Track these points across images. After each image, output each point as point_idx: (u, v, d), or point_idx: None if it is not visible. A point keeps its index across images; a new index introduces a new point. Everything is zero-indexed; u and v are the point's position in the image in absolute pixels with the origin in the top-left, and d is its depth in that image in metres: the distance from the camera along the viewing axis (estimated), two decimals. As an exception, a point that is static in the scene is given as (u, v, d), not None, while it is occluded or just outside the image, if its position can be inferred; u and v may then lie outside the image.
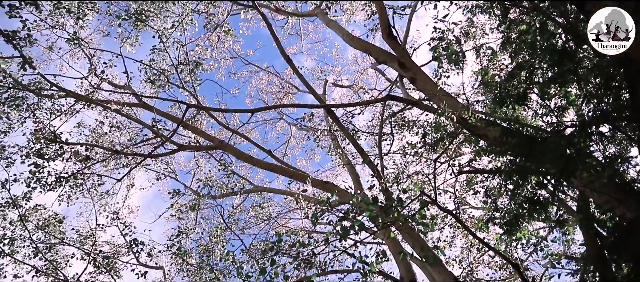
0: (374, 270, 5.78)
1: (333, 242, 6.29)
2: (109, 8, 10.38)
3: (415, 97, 10.64)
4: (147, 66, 9.40)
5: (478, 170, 8.29)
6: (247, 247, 6.73)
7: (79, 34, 9.41)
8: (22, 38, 8.45)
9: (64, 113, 8.29)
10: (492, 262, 8.53)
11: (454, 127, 8.05)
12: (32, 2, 8.90)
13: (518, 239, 7.35)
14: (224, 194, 9.23)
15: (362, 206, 5.97)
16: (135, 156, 8.05)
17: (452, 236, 8.51)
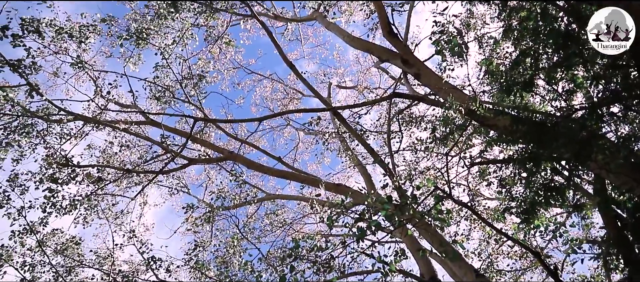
0: (394, 269, 5.74)
1: (350, 245, 6.26)
2: (110, 29, 10.49)
3: (421, 93, 10.61)
4: (152, 83, 9.46)
5: (490, 160, 8.24)
6: (265, 256, 6.72)
7: (82, 57, 9.50)
8: (27, 66, 8.55)
9: (74, 136, 8.36)
10: (511, 252, 8.45)
11: (462, 120, 8.00)
12: (34, 30, 9.01)
13: (536, 227, 7.27)
14: (238, 205, 9.24)
15: (377, 206, 5.94)
16: (146, 173, 8.08)
17: (469, 229, 8.45)
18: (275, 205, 10.09)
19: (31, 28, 8.86)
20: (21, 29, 8.73)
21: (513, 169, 7.95)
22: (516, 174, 8.01)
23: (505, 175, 8.02)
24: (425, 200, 6.48)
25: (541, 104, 8.05)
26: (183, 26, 10.95)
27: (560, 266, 7.13)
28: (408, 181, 7.44)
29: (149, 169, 8.34)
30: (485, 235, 8.38)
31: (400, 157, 8.98)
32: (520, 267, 8.12)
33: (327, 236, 7.56)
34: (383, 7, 9.21)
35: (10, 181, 7.71)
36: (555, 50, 6.70)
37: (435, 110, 9.74)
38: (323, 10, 12.02)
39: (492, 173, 8.23)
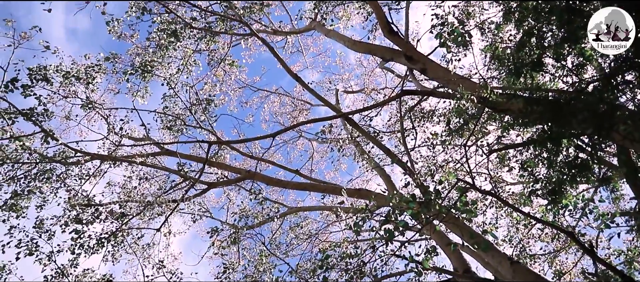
0: (427, 266, 5.67)
1: (380, 248, 6.21)
2: (115, 67, 10.64)
3: (429, 87, 10.56)
4: (162, 114, 9.55)
5: (509, 146, 8.14)
6: (295, 270, 6.67)
7: (91, 98, 9.65)
8: (39, 114, 8.70)
9: (93, 176, 8.46)
10: (542, 235, 8.30)
11: (475, 109, 7.94)
12: (42, 78, 9.19)
13: (564, 206, 7.15)
14: (261, 222, 9.23)
15: (401, 206, 5.89)
16: (168, 203, 8.14)
17: (496, 217, 8.32)
18: (299, 217, 10.06)
19: (39, 76, 9.03)
20: (30, 79, 8.91)
21: (533, 151, 7.85)
22: (537, 155, 7.91)
23: (525, 158, 7.92)
24: (449, 193, 6.41)
25: (552, 82, 7.96)
26: (185, 54, 11.08)
27: (595, 242, 6.98)
28: (429, 177, 7.37)
29: (170, 199, 8.39)
30: (514, 221, 8.25)
31: (417, 154, 8.91)
32: (554, 249, 7.96)
33: (354, 242, 7.51)
34: (380, 7, 9.22)
35: (37, 227, 7.80)
36: (560, 26, 6.64)
37: (445, 103, 9.68)
38: (320, 19, 12.08)
39: (512, 158, 8.13)
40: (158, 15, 10.82)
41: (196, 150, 10.16)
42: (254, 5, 11.79)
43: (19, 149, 8.07)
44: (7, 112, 8.56)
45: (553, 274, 7.81)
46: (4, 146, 8.11)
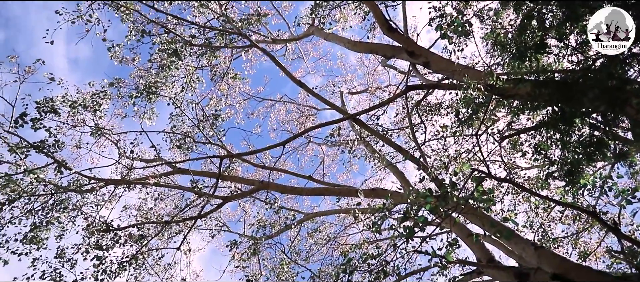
0: (451, 260, 5.63)
1: (401, 246, 6.18)
2: (119, 91, 10.73)
3: (433, 80, 10.53)
4: (171, 133, 9.61)
5: (520, 130, 8.08)
6: (317, 275, 6.66)
7: (99, 124, 9.73)
8: (51, 145, 8.78)
9: (108, 201, 8.51)
10: (563, 217, 8.21)
11: (483, 97, 7.90)
12: (50, 109, 9.29)
13: (583, 186, 7.07)
14: (279, 231, 9.23)
15: (419, 201, 5.86)
16: (185, 221, 8.17)
17: (514, 204, 8.25)
18: (316, 223, 10.05)
19: (47, 108, 9.13)
20: (38, 112, 9.01)
21: (545, 133, 7.79)
22: (550, 137, 7.85)
23: (538, 141, 7.86)
24: (465, 184, 6.38)
25: (557, 62, 7.91)
26: (188, 71, 11.15)
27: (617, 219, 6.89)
28: (444, 170, 7.34)
29: (186, 216, 8.42)
30: (532, 206, 8.17)
31: (428, 148, 8.88)
32: (576, 231, 7.87)
33: (374, 242, 7.48)
34: (377, 6, 9.22)
35: (59, 257, 7.86)
36: (560, 5, 6.61)
37: (451, 94, 9.65)
38: (318, 23, 12.11)
39: (525, 142, 8.07)
40: (157, 36, 10.92)
41: (208, 166, 10.21)
42: (251, 17, 11.86)
43: (33, 181, 8.15)
44: (18, 146, 8.65)
45: (578, 255, 7.73)
46: (19, 180, 8.20)
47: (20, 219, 8.01)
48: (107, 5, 10.40)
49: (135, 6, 10.60)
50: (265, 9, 12.92)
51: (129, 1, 10.52)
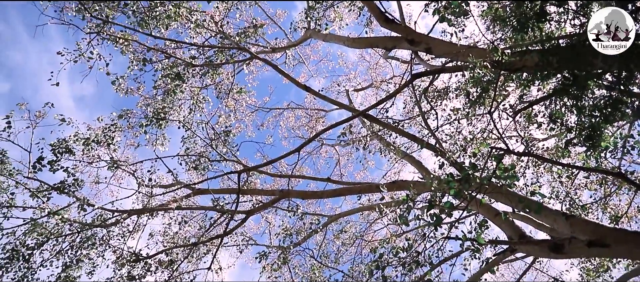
0: (483, 242, 5.59)
1: (430, 234, 6.15)
2: (129, 122, 10.85)
3: (438, 65, 10.48)
4: (185, 156, 9.68)
5: (533, 102, 8.01)
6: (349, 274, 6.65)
7: (114, 157, 9.84)
8: (70, 184, 8.90)
9: (134, 231, 8.60)
10: (588, 183, 8.11)
11: (490, 74, 7.84)
12: (65, 150, 9.42)
13: (604, 148, 6.98)
14: (305, 237, 9.24)
15: (442, 188, 5.83)
16: (212, 240, 8.21)
17: (537, 177, 8.16)
18: (340, 224, 10.04)
19: (62, 149, 9.25)
20: (54, 154, 9.14)
21: (559, 101, 7.71)
22: (564, 105, 7.76)
23: (553, 110, 7.78)
24: (486, 164, 6.33)
25: (559, 29, 7.84)
26: (193, 93, 11.23)
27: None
28: (462, 152, 7.29)
29: (212, 235, 8.47)
30: (555, 176, 8.08)
31: (442, 133, 8.83)
32: (604, 194, 7.76)
33: (401, 235, 7.45)
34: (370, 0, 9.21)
35: (93, 293, 7.96)
36: (556, -29, 6.55)
37: (457, 77, 9.59)
38: (314, 26, 12.13)
39: (539, 113, 8.00)
40: (158, 62, 11.01)
41: (226, 183, 10.26)
42: (248, 30, 11.91)
43: (59, 222, 8.26)
44: (39, 190, 8.78)
45: (609, 219, 7.61)
46: (45, 223, 8.32)
47: (51, 261, 8.12)
48: (105, 40, 10.52)
49: (133, 37, 10.71)
50: (260, 19, 12.98)
51: (126, 33, 10.62)
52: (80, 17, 10.28)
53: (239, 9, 13.07)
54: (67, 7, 10.29)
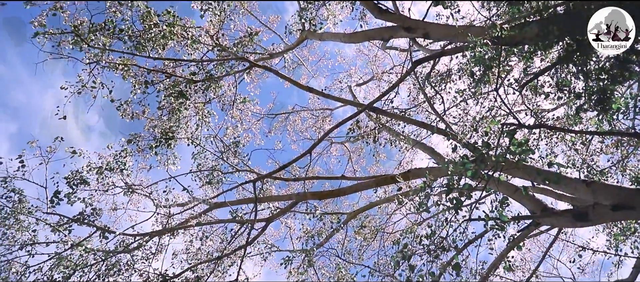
0: (507, 219, 5.57)
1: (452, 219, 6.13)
2: (139, 145, 10.92)
3: (437, 49, 10.45)
4: (198, 172, 9.74)
5: (538, 73, 7.97)
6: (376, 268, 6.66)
7: (128, 182, 9.92)
8: (89, 214, 9.00)
9: (157, 252, 8.67)
10: (603, 148, 8.04)
11: (492, 51, 7.82)
12: (80, 181, 9.51)
13: (616, 110, 6.93)
14: (327, 236, 9.25)
15: (459, 170, 5.81)
16: (235, 252, 8.26)
17: (551, 147, 8.11)
18: (360, 220, 10.03)
19: (76, 181, 9.35)
20: (69, 186, 9.24)
21: (564, 68, 7.66)
22: (569, 72, 7.71)
23: (559, 79, 7.74)
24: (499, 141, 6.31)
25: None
26: (198, 108, 11.28)
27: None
28: (473, 132, 7.27)
29: (235, 247, 8.52)
30: (570, 144, 8.03)
31: (450, 117, 8.81)
32: (621, 156, 7.68)
33: (422, 223, 7.44)
34: (361, -7, 9.21)
35: (124, 319, 8.03)
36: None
37: (458, 59, 9.57)
38: (309, 27, 12.14)
39: (545, 84, 7.96)
40: (160, 83, 11.07)
41: (242, 193, 10.32)
42: (244, 39, 11.94)
43: (83, 253, 8.35)
44: (60, 224, 8.88)
45: (630, 181, 7.54)
46: (69, 255, 8.41)
47: (80, 293, 8.21)
48: (105, 68, 10.60)
49: (131, 61, 10.78)
50: (255, 27, 13.01)
51: (125, 58, 10.70)
52: (78, 48, 10.37)
53: (232, 20, 13.14)
54: (64, 41, 10.39)
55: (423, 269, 5.81)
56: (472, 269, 7.14)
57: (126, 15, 10.72)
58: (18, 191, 8.85)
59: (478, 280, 6.95)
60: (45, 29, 10.23)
